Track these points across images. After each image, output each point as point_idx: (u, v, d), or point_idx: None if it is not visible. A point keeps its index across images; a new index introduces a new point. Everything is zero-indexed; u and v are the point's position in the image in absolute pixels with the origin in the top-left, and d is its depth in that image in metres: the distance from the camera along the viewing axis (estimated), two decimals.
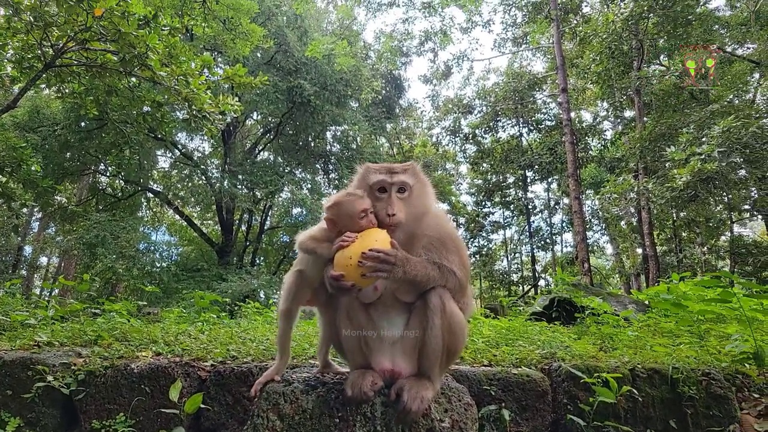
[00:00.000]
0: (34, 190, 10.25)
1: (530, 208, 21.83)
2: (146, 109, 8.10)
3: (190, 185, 18.41)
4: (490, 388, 2.14)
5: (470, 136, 21.47)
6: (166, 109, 7.61)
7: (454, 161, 24.49)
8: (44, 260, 22.36)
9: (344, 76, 15.68)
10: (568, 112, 13.56)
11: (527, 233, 21.85)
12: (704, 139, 9.30)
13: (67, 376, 2.18)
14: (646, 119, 13.07)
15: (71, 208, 15.44)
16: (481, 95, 21.27)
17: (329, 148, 19.08)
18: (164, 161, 19.45)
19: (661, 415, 2.19)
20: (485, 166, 22.00)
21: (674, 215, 16.04)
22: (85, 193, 17.64)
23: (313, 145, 18.42)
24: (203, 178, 16.97)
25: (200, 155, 19.02)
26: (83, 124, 13.60)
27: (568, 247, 21.98)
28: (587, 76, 14.08)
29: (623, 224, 19.73)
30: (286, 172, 16.87)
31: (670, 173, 9.98)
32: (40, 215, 18.67)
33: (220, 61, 14.37)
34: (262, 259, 20.63)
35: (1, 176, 8.20)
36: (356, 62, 15.77)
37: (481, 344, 2.81)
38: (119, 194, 17.37)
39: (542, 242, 22.00)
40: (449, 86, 38.94)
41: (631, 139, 13.15)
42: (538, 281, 20.99)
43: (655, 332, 3.41)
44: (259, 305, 5.09)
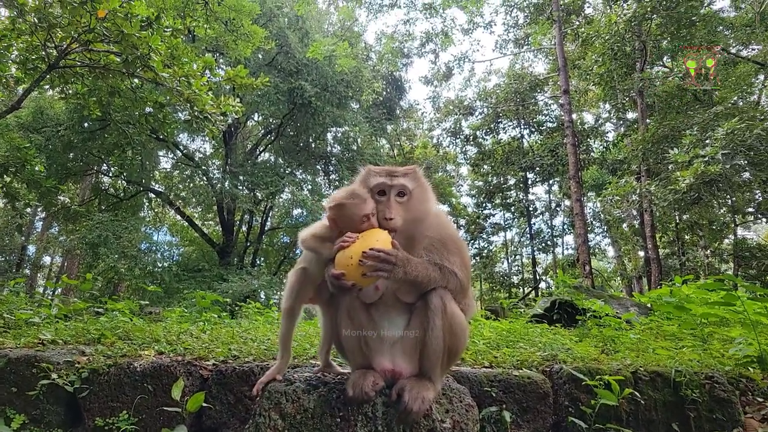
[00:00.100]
0: (37, 190, 10.31)
1: (531, 210, 21.73)
2: (148, 110, 8.16)
3: (191, 186, 18.47)
4: (491, 389, 2.13)
5: (471, 137, 21.41)
6: (168, 110, 7.64)
7: (454, 163, 24.43)
8: (47, 259, 22.46)
9: (345, 77, 15.71)
10: (569, 113, 13.55)
11: (528, 235, 21.77)
12: (708, 141, 9.21)
13: (71, 373, 2.19)
14: (648, 121, 13.03)
15: (74, 208, 15.53)
16: (482, 97, 21.21)
17: (330, 149, 19.10)
18: (166, 162, 19.60)
19: (663, 418, 2.17)
20: (486, 167, 21.91)
21: (677, 218, 15.93)
22: (87, 193, 17.74)
23: (313, 146, 18.46)
24: (204, 178, 17.02)
25: (201, 156, 19.10)
26: (86, 124, 13.70)
27: (569, 249, 21.89)
28: (589, 77, 14.04)
29: (625, 227, 19.63)
30: (286, 173, 16.90)
31: (672, 175, 9.94)
32: (43, 215, 18.74)
33: (221, 62, 14.41)
34: (262, 259, 20.64)
35: (5, 176, 8.25)
36: (357, 63, 15.79)
37: (482, 346, 2.80)
38: (121, 194, 17.46)
39: (543, 244, 21.89)
40: (450, 88, 39.05)
41: (633, 141, 13.09)
42: (538, 283, 20.90)
43: (657, 335, 3.39)
44: (259, 305, 5.10)
